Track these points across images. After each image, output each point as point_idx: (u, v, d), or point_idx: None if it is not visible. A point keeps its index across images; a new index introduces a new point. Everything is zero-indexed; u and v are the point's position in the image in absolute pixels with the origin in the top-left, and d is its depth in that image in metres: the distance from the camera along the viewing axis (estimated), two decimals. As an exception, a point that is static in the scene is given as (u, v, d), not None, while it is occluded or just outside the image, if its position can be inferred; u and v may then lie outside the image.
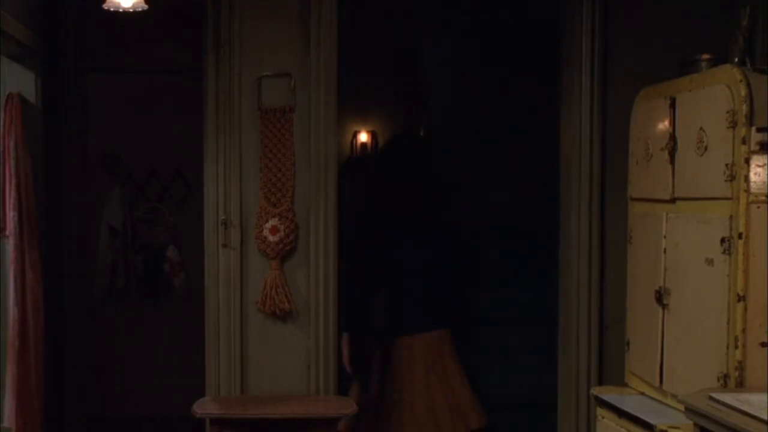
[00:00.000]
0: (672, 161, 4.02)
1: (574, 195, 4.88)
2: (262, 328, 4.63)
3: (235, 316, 4.61)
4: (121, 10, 5.53)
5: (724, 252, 3.58)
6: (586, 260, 4.85)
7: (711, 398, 3.25)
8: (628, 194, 4.51)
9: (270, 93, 4.64)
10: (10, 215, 5.69)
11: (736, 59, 3.83)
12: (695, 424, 3.27)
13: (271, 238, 4.58)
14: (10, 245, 5.76)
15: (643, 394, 4.26)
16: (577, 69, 4.88)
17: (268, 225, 4.58)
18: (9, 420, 5.76)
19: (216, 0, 4.59)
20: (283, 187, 4.61)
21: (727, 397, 3.21)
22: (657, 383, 4.10)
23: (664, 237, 4.08)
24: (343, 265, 4.90)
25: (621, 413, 4.10)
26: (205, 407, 4.34)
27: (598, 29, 4.83)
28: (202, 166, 4.76)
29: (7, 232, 5.74)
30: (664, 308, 4.06)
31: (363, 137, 6.40)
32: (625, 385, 4.44)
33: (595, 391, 4.45)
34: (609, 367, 4.78)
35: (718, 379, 3.58)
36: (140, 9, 5.55)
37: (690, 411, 3.31)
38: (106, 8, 5.48)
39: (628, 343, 4.45)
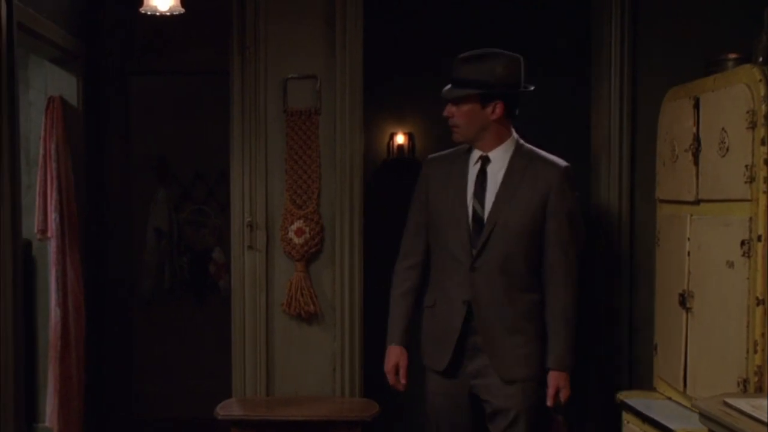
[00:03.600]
0: (696, 162, 3.95)
1: (603, 197, 4.81)
2: (288, 330, 4.64)
3: (260, 318, 4.63)
4: (158, 13, 5.61)
5: (743, 255, 3.51)
6: (616, 261, 4.77)
7: (725, 403, 3.19)
8: (656, 196, 4.44)
9: (295, 95, 4.65)
10: (52, 217, 5.82)
11: (761, 59, 3.74)
12: (709, 430, 3.21)
13: (296, 240, 4.59)
14: (51, 247, 5.88)
15: (670, 399, 4.19)
16: (606, 69, 4.83)
17: (294, 227, 4.60)
18: (50, 420, 5.88)
19: (242, 2, 4.62)
20: (308, 189, 4.62)
21: (742, 403, 3.14)
22: (681, 388, 4.03)
23: (688, 239, 4.01)
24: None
25: (645, 418, 4.03)
26: (228, 409, 4.37)
27: (628, 30, 4.77)
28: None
29: (49, 234, 5.86)
30: (687, 312, 3.99)
31: (400, 139, 6.37)
32: (654, 389, 4.37)
33: (622, 395, 4.39)
34: (639, 370, 4.69)
35: (738, 384, 3.51)
36: (177, 12, 5.62)
37: (703, 416, 3.25)
38: (143, 11, 5.57)
39: (656, 347, 4.38)
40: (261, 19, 4.61)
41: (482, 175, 3.79)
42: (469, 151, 3.88)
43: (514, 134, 3.87)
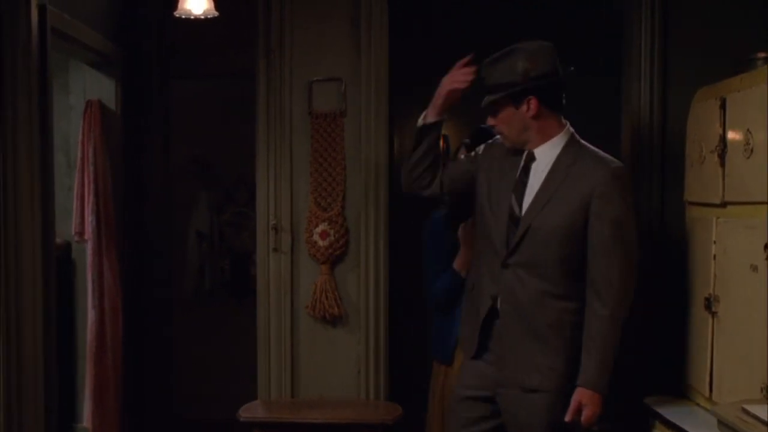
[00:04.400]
0: (722, 164, 3.87)
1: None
2: (313, 333, 4.64)
3: (285, 321, 4.64)
4: (192, 17, 5.66)
5: (767, 258, 3.42)
6: (646, 265, 4.68)
7: (743, 410, 3.13)
8: (684, 198, 4.37)
9: (320, 97, 4.66)
10: (89, 220, 5.90)
11: (788, 57, 3.66)
12: (726, 437, 3.14)
13: (320, 243, 4.59)
14: (88, 249, 5.96)
15: (698, 404, 4.11)
16: (636, 70, 4.76)
17: (318, 229, 4.59)
18: (87, 420, 5.96)
19: (267, 6, 4.64)
20: (333, 192, 4.61)
21: (760, 410, 3.08)
22: (707, 393, 3.96)
23: (714, 242, 3.94)
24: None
25: (669, 424, 3.97)
26: (250, 411, 4.39)
27: (658, 31, 4.71)
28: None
29: (86, 236, 5.94)
30: (713, 316, 3.92)
31: (436, 142, 6.33)
32: (681, 394, 4.29)
33: (648, 400, 4.32)
34: (667, 374, 4.60)
35: (761, 390, 3.43)
36: (211, 15, 5.67)
37: (721, 423, 3.20)
38: (177, 15, 5.62)
39: (683, 352, 4.30)
40: (286, 23, 4.63)
41: (524, 173, 3.56)
42: None
43: (568, 128, 3.61)
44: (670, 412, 4.09)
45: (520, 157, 3.57)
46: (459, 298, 3.96)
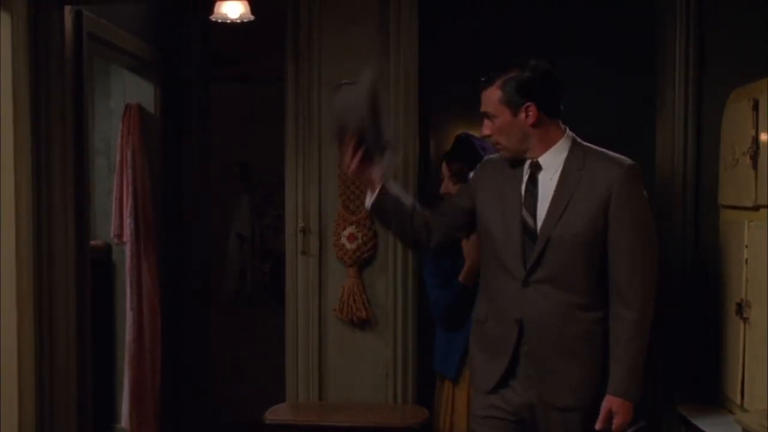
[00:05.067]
0: (754, 166, 3.81)
1: (667, 202, 4.66)
2: (340, 336, 4.62)
3: (313, 323, 4.63)
4: (228, 20, 5.70)
5: (797, 263, 3.35)
6: (680, 270, 4.61)
7: (768, 419, 3.06)
8: (718, 201, 4.29)
9: (349, 100, 4.62)
10: (127, 222, 5.97)
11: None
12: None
13: (348, 246, 4.57)
14: (127, 251, 6.03)
15: (730, 412, 4.03)
16: (671, 71, 4.68)
17: (346, 232, 4.58)
18: (126, 421, 6.02)
19: (295, 9, 4.63)
20: (361, 195, 4.56)
21: (785, 419, 3.00)
22: (739, 401, 3.88)
23: (746, 246, 3.86)
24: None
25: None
26: (277, 413, 4.39)
27: (693, 31, 4.61)
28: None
29: (124, 239, 6.01)
30: (744, 322, 3.84)
31: (470, 142, 6.28)
32: (713, 401, 4.21)
33: (680, 408, 4.25)
34: (700, 381, 4.52)
35: (791, 399, 3.35)
36: (247, 19, 5.71)
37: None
38: (213, 19, 5.67)
39: (718, 358, 4.21)
40: (314, 26, 4.61)
41: (532, 184, 3.39)
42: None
43: (568, 133, 3.45)
44: (701, 421, 4.02)
45: (521, 168, 3.43)
46: (466, 312, 3.82)
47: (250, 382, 6.80)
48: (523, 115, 3.34)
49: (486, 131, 3.41)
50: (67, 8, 4.85)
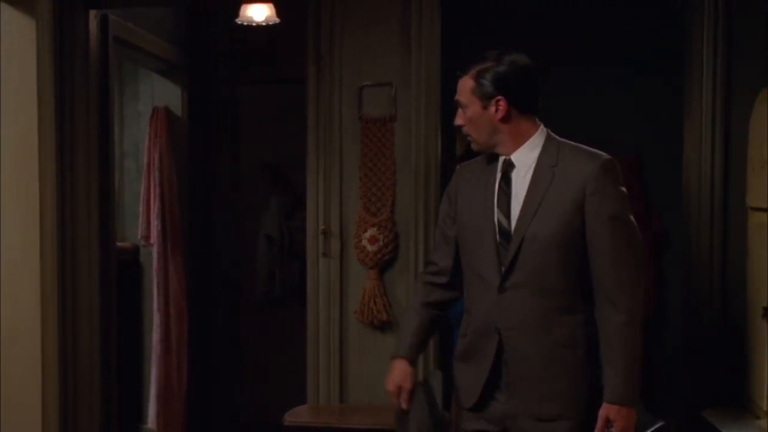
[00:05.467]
0: (781, 167, 3.74)
1: (694, 204, 4.61)
2: (361, 338, 4.62)
3: (334, 325, 4.63)
4: (254, 23, 5.72)
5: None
6: (707, 272, 4.56)
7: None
8: (747, 203, 4.24)
9: (370, 102, 4.63)
10: (154, 224, 6.00)
11: None
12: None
13: (369, 248, 4.57)
14: (154, 253, 6.07)
15: (757, 417, 3.98)
16: (698, 71, 4.65)
17: (367, 235, 4.57)
18: (152, 421, 6.06)
19: (317, 11, 4.64)
20: (382, 197, 4.59)
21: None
22: (765, 406, 3.83)
23: (772, 249, 3.81)
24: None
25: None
26: (296, 415, 4.39)
27: (721, 31, 4.57)
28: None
29: (151, 240, 6.05)
30: (770, 326, 3.78)
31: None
32: (739, 406, 4.16)
33: (706, 414, 4.20)
34: (725, 386, 4.47)
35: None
36: (272, 22, 5.72)
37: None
38: (239, 22, 5.69)
39: (744, 363, 4.17)
40: (336, 28, 4.62)
41: (505, 182, 3.19)
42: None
43: (542, 129, 3.20)
44: (727, 426, 3.97)
45: (495, 168, 3.24)
46: None
47: (279, 383, 6.81)
48: (492, 108, 3.14)
49: (458, 121, 3.24)
50: (93, 12, 4.89)
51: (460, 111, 3.22)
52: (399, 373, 3.37)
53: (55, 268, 4.46)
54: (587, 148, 3.17)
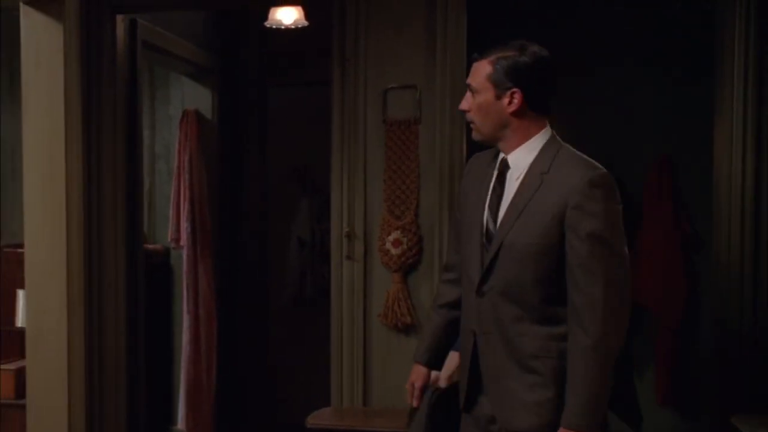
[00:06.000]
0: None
1: (725, 204, 4.57)
2: (385, 341, 4.61)
3: (358, 328, 4.62)
4: (283, 26, 5.76)
5: None
6: (737, 274, 4.51)
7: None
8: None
9: (395, 105, 4.62)
10: (184, 227, 6.05)
11: None
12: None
13: (393, 251, 4.57)
14: (183, 255, 6.11)
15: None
16: (729, 71, 4.59)
17: (391, 238, 4.57)
18: (182, 422, 6.11)
19: (342, 14, 4.65)
20: (406, 200, 4.58)
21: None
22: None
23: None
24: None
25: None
26: (319, 418, 4.40)
27: (753, 29, 4.52)
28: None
29: (181, 243, 6.09)
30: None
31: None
32: (770, 412, 4.11)
33: (734, 419, 4.15)
34: (758, 390, 4.41)
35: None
36: (301, 25, 5.77)
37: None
38: (268, 25, 5.72)
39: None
40: (361, 31, 4.61)
41: (499, 183, 3.06)
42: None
43: (546, 131, 3.03)
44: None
45: (494, 165, 3.12)
46: None
47: (308, 384, 6.83)
48: (506, 100, 2.97)
49: (464, 106, 3.07)
50: (121, 17, 4.94)
51: (468, 95, 3.06)
52: (413, 372, 3.35)
53: (81, 270, 4.51)
54: (585, 158, 2.98)
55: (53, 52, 4.43)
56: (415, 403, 3.30)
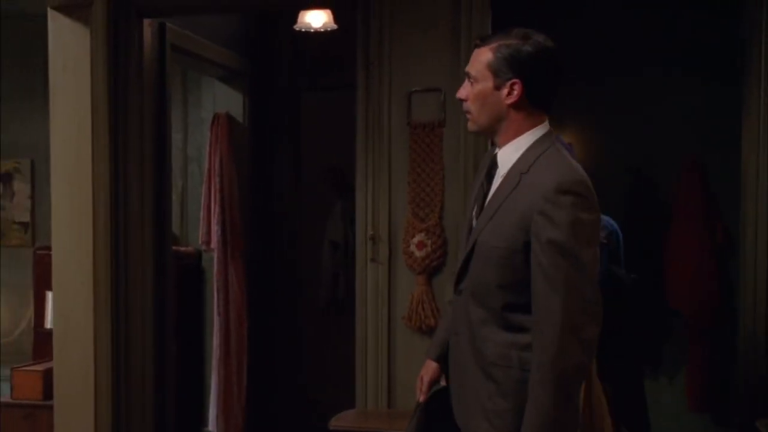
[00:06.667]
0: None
1: (751, 208, 4.51)
2: (409, 344, 4.60)
3: (382, 331, 4.62)
4: (312, 30, 5.78)
5: None
6: (764, 277, 4.45)
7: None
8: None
9: (419, 108, 4.61)
10: (214, 229, 6.08)
11: None
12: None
13: (417, 254, 4.56)
14: (214, 258, 6.15)
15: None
16: (756, 75, 4.57)
17: (415, 240, 4.56)
18: (213, 424, 6.14)
19: (366, 17, 4.65)
20: (431, 202, 4.57)
21: None
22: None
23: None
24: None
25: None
26: (343, 420, 4.40)
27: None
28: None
29: (212, 245, 6.13)
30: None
31: (557, 150, 6.18)
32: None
33: (759, 423, 4.10)
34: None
35: None
36: (330, 28, 5.78)
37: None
38: (297, 29, 5.75)
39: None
40: (385, 34, 4.61)
41: (487, 179, 2.94)
42: None
43: (540, 129, 2.85)
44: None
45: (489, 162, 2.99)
46: None
47: (341, 386, 6.85)
48: (505, 90, 2.79)
49: (461, 94, 2.91)
50: (148, 21, 4.98)
51: (466, 83, 2.90)
52: (424, 367, 3.23)
53: (107, 272, 4.56)
54: (566, 162, 2.80)
55: (80, 57, 4.49)
56: (421, 398, 3.22)
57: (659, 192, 5.42)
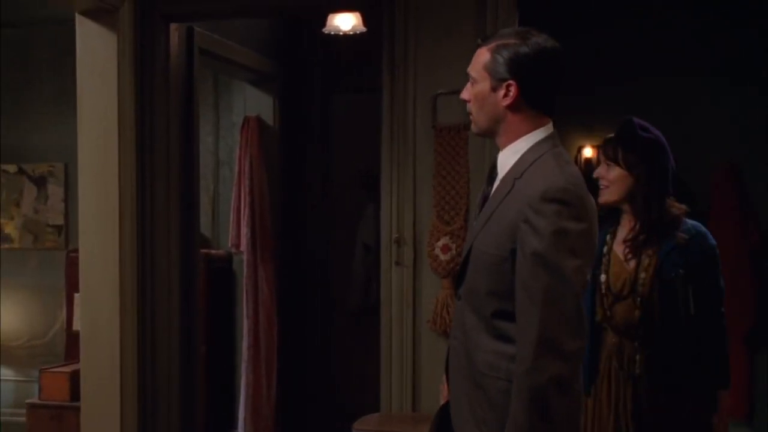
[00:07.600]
0: None
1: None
2: (434, 347, 4.58)
3: (407, 334, 4.61)
4: (341, 33, 5.79)
5: None
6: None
7: None
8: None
9: (445, 110, 4.60)
10: (244, 232, 6.10)
11: None
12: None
13: (442, 257, 4.54)
14: (244, 261, 6.17)
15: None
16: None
17: (440, 243, 4.54)
18: (242, 427, 6.16)
19: (391, 21, 4.64)
20: (456, 206, 4.55)
21: None
22: None
23: None
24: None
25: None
26: (366, 423, 4.40)
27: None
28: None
29: (241, 248, 6.15)
30: None
31: (588, 152, 6.13)
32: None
33: None
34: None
35: None
36: (359, 31, 5.79)
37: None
38: (326, 32, 5.75)
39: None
40: (410, 36, 4.60)
41: (489, 183, 2.89)
42: None
43: (541, 132, 2.76)
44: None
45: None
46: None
47: (372, 390, 6.84)
48: (502, 92, 2.72)
49: (464, 95, 2.88)
50: (174, 26, 5.00)
51: (468, 85, 2.86)
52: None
53: (134, 275, 4.59)
54: (560, 168, 2.68)
55: (107, 61, 4.53)
56: (442, 400, 3.15)
57: (693, 195, 5.34)
